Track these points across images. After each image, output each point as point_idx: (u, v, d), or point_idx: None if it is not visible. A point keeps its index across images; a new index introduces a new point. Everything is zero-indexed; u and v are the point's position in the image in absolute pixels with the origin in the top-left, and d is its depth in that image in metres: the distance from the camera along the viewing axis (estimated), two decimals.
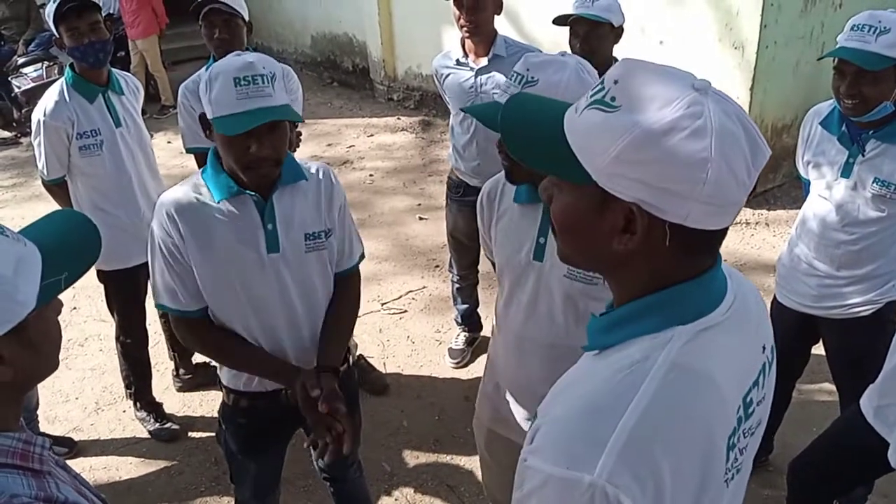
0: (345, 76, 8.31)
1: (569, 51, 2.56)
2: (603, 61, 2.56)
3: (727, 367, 0.84)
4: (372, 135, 6.77)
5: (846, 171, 2.12)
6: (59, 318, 1.02)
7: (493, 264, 2.02)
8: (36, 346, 0.94)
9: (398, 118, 7.13)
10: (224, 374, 1.88)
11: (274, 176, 1.72)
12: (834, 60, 2.02)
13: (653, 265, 0.84)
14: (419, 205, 5.23)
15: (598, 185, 0.81)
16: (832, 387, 3.02)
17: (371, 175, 5.84)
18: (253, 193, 1.72)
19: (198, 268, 1.73)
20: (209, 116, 1.63)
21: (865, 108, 1.99)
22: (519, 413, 1.85)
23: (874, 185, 2.07)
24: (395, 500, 2.76)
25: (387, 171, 5.92)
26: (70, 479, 1.00)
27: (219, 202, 1.72)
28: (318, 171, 1.86)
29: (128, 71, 2.99)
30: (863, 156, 2.09)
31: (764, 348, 0.93)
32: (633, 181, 0.78)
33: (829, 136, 2.17)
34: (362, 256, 2.02)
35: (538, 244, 1.69)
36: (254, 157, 1.62)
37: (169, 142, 6.46)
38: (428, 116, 7.04)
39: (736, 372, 0.86)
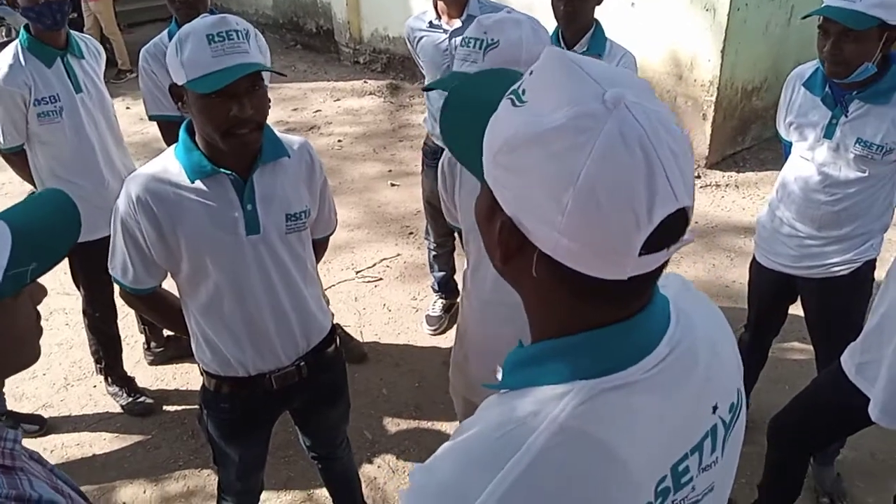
0: (308, 39, 8.09)
1: (544, 13, 2.50)
2: (586, 24, 2.52)
3: (640, 434, 0.70)
4: (339, 99, 6.63)
5: (829, 133, 2.12)
6: None
7: (459, 233, 1.98)
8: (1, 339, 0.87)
9: (365, 82, 6.98)
10: (205, 358, 1.81)
11: (256, 144, 1.62)
12: (819, 19, 2.00)
13: (546, 302, 0.73)
14: (390, 171, 5.15)
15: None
16: (804, 345, 3.10)
17: (339, 141, 5.72)
18: (230, 172, 1.62)
19: (171, 254, 1.65)
20: (182, 81, 1.52)
21: (848, 68, 1.98)
22: (490, 380, 1.83)
23: (857, 146, 2.07)
24: (378, 467, 2.75)
25: (355, 136, 5.81)
26: (45, 472, 0.94)
27: (193, 183, 1.62)
28: (299, 146, 1.78)
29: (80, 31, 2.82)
30: (846, 117, 2.09)
31: (716, 408, 0.77)
32: (506, 190, 0.68)
33: (813, 97, 2.16)
34: (335, 227, 2.01)
35: None
36: (235, 119, 1.52)
37: (128, 107, 6.22)
38: (396, 80, 6.90)
39: (656, 440, 0.72)
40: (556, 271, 0.68)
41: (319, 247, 1.96)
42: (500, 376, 0.80)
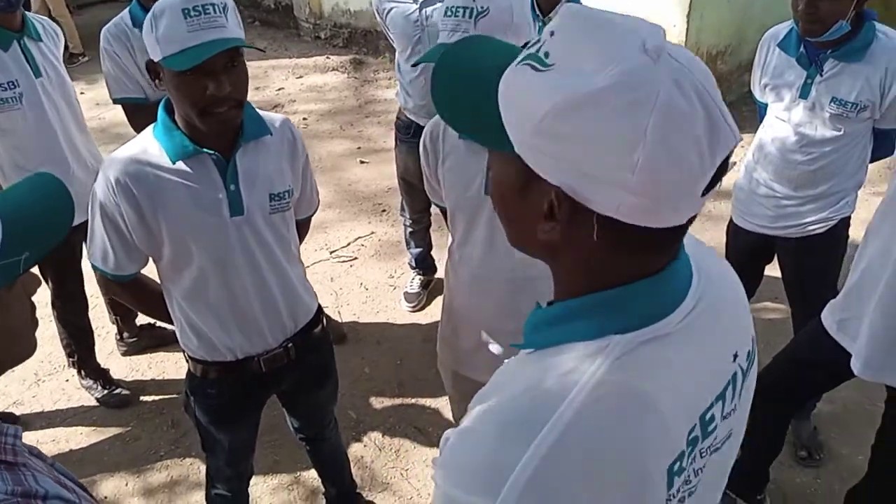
0: (266, 14, 7.90)
1: None
2: None
3: (674, 385, 0.71)
4: (301, 76, 6.50)
5: (804, 92, 2.13)
6: None
7: (442, 210, 1.96)
8: None
9: (327, 57, 6.85)
10: (190, 344, 1.76)
11: (236, 121, 1.57)
12: None
13: (585, 262, 0.71)
14: (359, 148, 5.07)
15: (522, 159, 0.68)
16: (777, 305, 3.16)
17: (305, 118, 5.61)
18: (212, 152, 1.57)
19: (153, 238, 1.60)
20: (157, 58, 1.46)
21: (823, 27, 1.99)
22: (481, 352, 1.83)
23: (832, 104, 2.09)
24: (365, 445, 2.74)
25: (321, 113, 5.70)
26: (47, 467, 0.90)
27: (174, 163, 1.56)
28: (280, 124, 1.73)
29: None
30: (821, 76, 2.10)
31: (736, 356, 0.80)
32: (555, 159, 0.65)
33: (788, 57, 2.17)
34: (317, 206, 1.98)
35: (488, 178, 1.65)
36: (212, 98, 1.47)
37: (82, 92, 5.99)
38: (359, 55, 6.79)
39: (688, 390, 0.73)
40: (609, 230, 0.66)
41: (301, 227, 1.92)
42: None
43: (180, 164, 1.56)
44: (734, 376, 0.80)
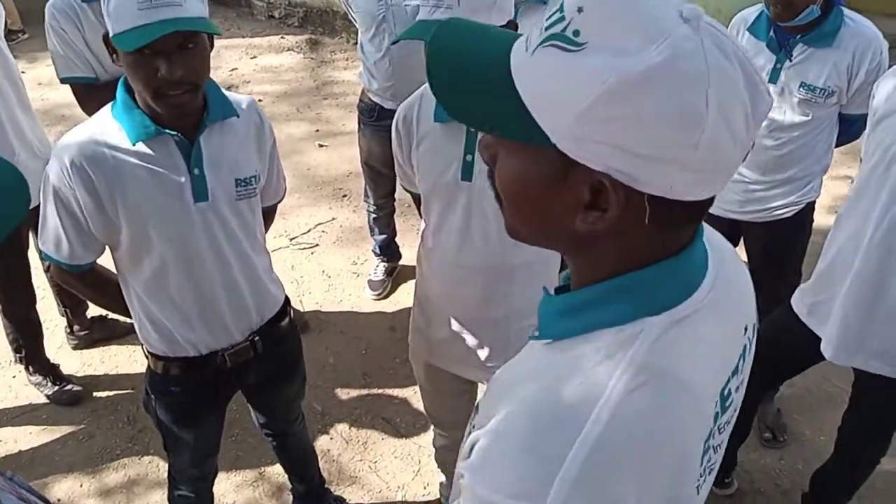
0: None
1: None
2: None
3: (704, 362, 0.70)
4: (255, 56, 6.30)
5: (773, 77, 2.13)
6: None
7: (413, 196, 1.90)
8: None
9: (282, 37, 6.66)
10: (150, 339, 1.67)
11: (191, 106, 1.47)
12: None
13: (622, 244, 0.68)
14: (317, 131, 4.95)
15: (557, 148, 0.63)
16: None
17: (260, 100, 5.44)
18: (175, 133, 1.47)
19: (111, 225, 1.50)
20: (110, 34, 1.37)
21: (794, 12, 1.98)
22: (456, 343, 1.79)
23: (801, 89, 2.09)
24: (331, 438, 2.67)
25: (277, 95, 5.55)
26: (7, 483, 0.82)
27: (134, 145, 1.46)
28: (247, 105, 1.64)
29: None
30: (790, 61, 2.10)
31: (746, 329, 0.79)
32: (605, 145, 0.61)
33: (757, 41, 2.16)
34: (284, 193, 1.89)
35: (465, 163, 1.60)
36: (163, 80, 1.38)
37: (23, 72, 5.66)
38: (315, 35, 6.63)
39: (713, 366, 0.73)
40: (658, 210, 0.64)
41: (267, 216, 1.83)
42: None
43: (141, 146, 1.47)
44: (745, 349, 0.79)
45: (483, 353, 1.77)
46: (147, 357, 1.72)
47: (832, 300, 1.79)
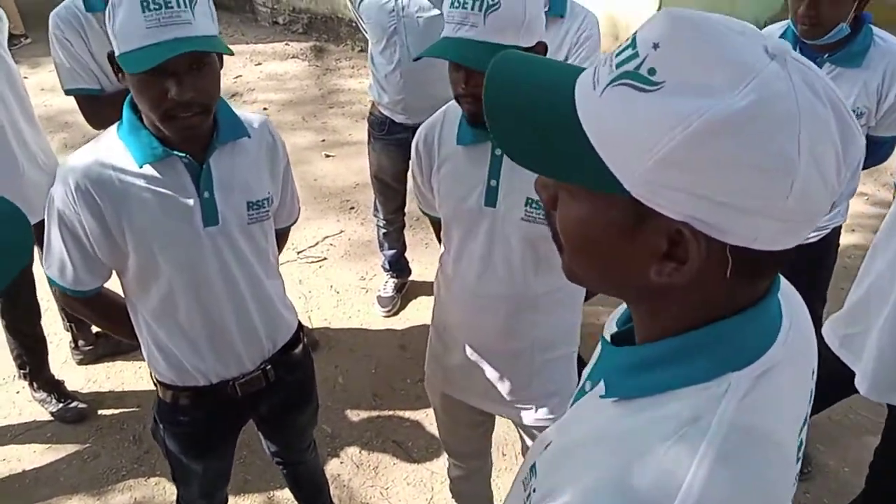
0: None
1: None
2: None
3: (787, 415, 0.66)
4: (260, 63, 6.25)
5: None
6: None
7: (431, 219, 1.84)
8: None
9: (287, 44, 6.62)
10: (158, 367, 1.61)
11: (202, 128, 1.41)
12: None
13: (699, 296, 0.63)
14: (323, 140, 4.90)
15: (630, 195, 0.58)
16: None
17: (265, 109, 5.40)
18: (183, 154, 1.42)
19: (117, 250, 1.45)
20: (116, 53, 1.32)
21: (823, 30, 1.93)
22: (475, 375, 1.73)
23: None
24: (341, 462, 2.61)
25: (282, 103, 5.49)
26: None
27: (141, 167, 1.41)
28: (259, 125, 1.58)
29: None
30: None
31: (813, 372, 0.75)
32: (686, 193, 0.56)
33: None
34: (298, 215, 1.85)
35: (489, 188, 1.54)
36: (173, 102, 1.32)
37: (26, 77, 5.60)
38: (320, 42, 6.58)
39: (794, 416, 0.68)
40: (740, 261, 0.59)
41: (280, 238, 1.78)
42: (599, 387, 0.70)
43: (148, 168, 1.42)
44: (811, 394, 0.74)
45: (504, 387, 1.71)
46: (156, 385, 1.67)
47: (867, 333, 1.73)
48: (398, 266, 3.35)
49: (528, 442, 1.83)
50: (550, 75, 0.68)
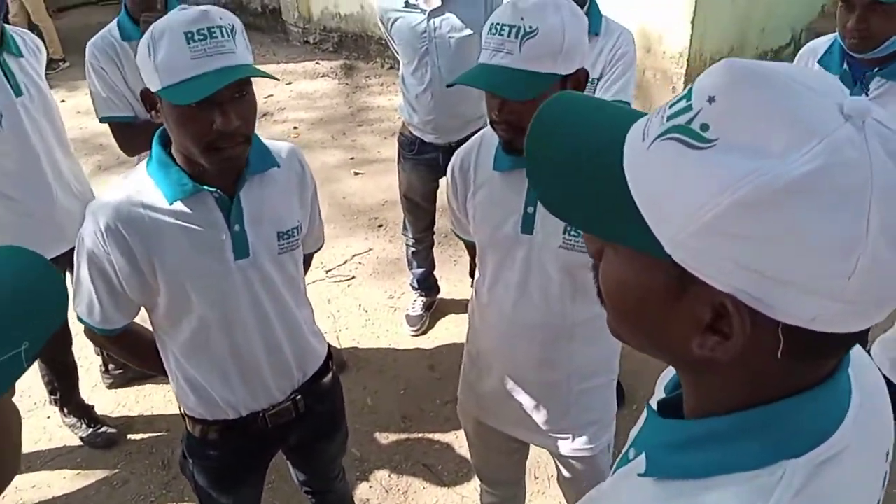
0: (253, 18, 7.67)
1: None
2: (580, 1, 2.31)
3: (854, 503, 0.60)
4: (290, 82, 6.29)
5: None
6: None
7: (466, 244, 1.80)
8: None
9: (317, 63, 6.66)
10: (188, 402, 1.58)
11: (243, 158, 1.39)
12: None
13: (749, 374, 0.57)
14: (352, 158, 4.89)
15: (673, 259, 0.53)
16: None
17: (295, 128, 5.42)
18: (214, 189, 1.39)
19: (147, 288, 1.43)
20: (156, 88, 1.29)
21: (874, 43, 1.84)
22: (511, 405, 1.67)
23: None
24: (370, 487, 2.56)
25: (312, 122, 5.51)
26: None
27: (171, 204, 1.38)
28: (287, 153, 1.56)
29: (7, 22, 2.46)
30: (866, 95, 1.95)
31: (888, 454, 0.66)
32: (733, 263, 0.50)
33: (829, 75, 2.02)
34: (323, 240, 1.83)
35: (526, 215, 1.49)
36: (218, 132, 1.29)
37: (63, 100, 5.77)
38: (350, 60, 6.60)
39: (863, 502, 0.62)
40: (794, 341, 0.52)
41: (305, 263, 1.75)
42: (640, 460, 0.63)
43: (178, 205, 1.39)
44: (885, 477, 0.66)
45: (540, 416, 1.65)
46: (184, 419, 1.64)
47: None
48: (427, 284, 3.31)
49: (565, 472, 1.76)
50: (601, 123, 0.62)
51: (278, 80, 1.41)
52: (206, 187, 1.39)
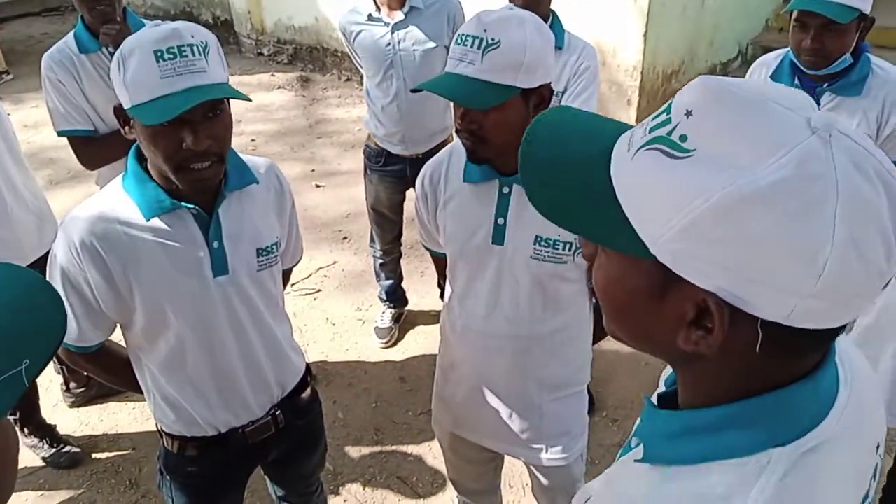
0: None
1: (494, 4, 2.35)
2: (543, 16, 2.37)
3: (840, 493, 0.63)
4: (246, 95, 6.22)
5: None
6: None
7: (433, 255, 1.82)
8: None
9: (272, 75, 6.61)
10: (165, 419, 1.56)
11: (216, 178, 1.38)
12: (792, 13, 1.95)
13: (734, 367, 0.61)
14: (313, 170, 4.87)
15: (658, 259, 0.58)
16: None
17: (253, 140, 5.37)
18: (192, 206, 1.38)
19: (124, 305, 1.41)
20: (126, 105, 1.28)
21: (827, 61, 1.95)
22: (485, 416, 1.71)
23: None
24: (345, 501, 2.55)
25: (270, 134, 5.47)
26: None
27: (148, 221, 1.37)
28: (266, 169, 1.56)
29: None
30: None
31: (878, 447, 0.70)
32: (711, 264, 0.55)
33: None
34: (301, 254, 1.82)
35: (497, 226, 1.52)
36: (189, 152, 1.28)
37: (8, 114, 5.59)
38: (305, 72, 6.58)
39: (849, 494, 0.65)
40: (773, 336, 0.56)
41: (283, 278, 1.75)
42: (636, 449, 0.67)
43: (156, 221, 1.37)
44: (875, 469, 0.71)
45: (514, 427, 1.68)
46: (160, 436, 1.62)
47: (877, 357, 1.73)
48: (395, 296, 3.32)
49: (543, 481, 1.80)
50: (592, 133, 0.67)
51: (251, 100, 1.41)
52: (184, 204, 1.37)
